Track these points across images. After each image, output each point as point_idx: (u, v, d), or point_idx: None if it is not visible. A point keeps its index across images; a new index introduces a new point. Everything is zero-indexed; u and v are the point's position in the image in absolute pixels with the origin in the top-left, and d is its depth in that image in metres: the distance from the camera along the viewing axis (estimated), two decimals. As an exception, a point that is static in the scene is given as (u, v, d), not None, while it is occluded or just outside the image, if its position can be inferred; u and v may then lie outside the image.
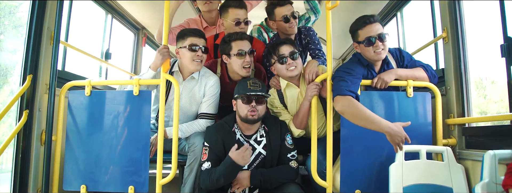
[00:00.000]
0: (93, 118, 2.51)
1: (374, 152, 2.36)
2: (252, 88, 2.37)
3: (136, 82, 2.46)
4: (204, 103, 2.66)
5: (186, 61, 2.56)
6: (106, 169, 2.46)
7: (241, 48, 2.64)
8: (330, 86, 2.35)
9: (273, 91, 2.70)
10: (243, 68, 2.67)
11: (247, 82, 2.40)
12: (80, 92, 2.54)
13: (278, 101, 2.67)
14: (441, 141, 2.38)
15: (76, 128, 2.51)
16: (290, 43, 2.56)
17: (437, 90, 2.41)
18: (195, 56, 2.52)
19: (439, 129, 2.39)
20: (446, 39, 2.52)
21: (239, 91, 2.39)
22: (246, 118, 2.35)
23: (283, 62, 2.51)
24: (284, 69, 2.53)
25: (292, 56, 2.50)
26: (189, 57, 2.53)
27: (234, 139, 2.41)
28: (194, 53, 2.52)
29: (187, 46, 2.51)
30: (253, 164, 2.40)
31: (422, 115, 2.42)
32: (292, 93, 2.64)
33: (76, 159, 2.48)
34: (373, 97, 2.41)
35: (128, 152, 2.45)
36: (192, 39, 2.53)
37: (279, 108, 2.67)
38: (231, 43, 2.65)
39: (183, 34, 2.55)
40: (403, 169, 2.19)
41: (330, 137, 2.32)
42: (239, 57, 2.64)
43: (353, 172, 2.35)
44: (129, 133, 2.47)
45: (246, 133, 2.45)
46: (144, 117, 2.47)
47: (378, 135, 2.30)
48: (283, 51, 2.51)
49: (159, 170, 2.35)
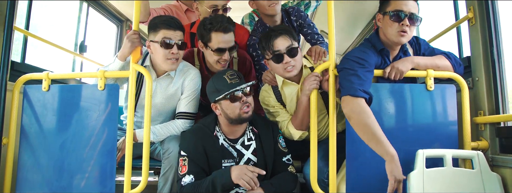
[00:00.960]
0: (52, 117, 2.13)
1: (388, 157, 1.93)
2: (234, 81, 1.95)
3: (101, 74, 2.06)
4: (183, 100, 2.24)
5: (158, 59, 2.13)
6: (66, 177, 2.06)
7: (222, 44, 2.19)
8: (333, 78, 1.93)
9: (268, 88, 2.28)
10: (218, 63, 2.25)
11: (223, 76, 1.97)
12: (37, 87, 2.15)
13: (274, 99, 2.25)
14: (469, 144, 1.94)
15: (32, 129, 2.13)
16: (286, 33, 2.07)
17: (464, 81, 1.98)
18: (168, 54, 2.08)
19: (467, 130, 1.95)
20: (473, 20, 2.08)
21: (220, 90, 1.95)
22: (240, 117, 1.96)
23: (279, 60, 2.05)
24: (280, 68, 2.08)
25: (290, 52, 2.05)
26: (162, 55, 2.09)
27: (217, 145, 2.00)
28: (167, 50, 2.07)
29: (159, 40, 2.08)
30: None
31: (446, 113, 1.99)
32: (291, 91, 2.22)
33: (32, 165, 2.10)
34: (385, 91, 1.98)
35: (91, 157, 2.05)
36: (165, 32, 2.07)
37: (276, 107, 2.24)
38: (211, 33, 2.18)
39: (155, 24, 2.11)
40: (424, 179, 1.77)
41: (333, 139, 1.89)
42: (217, 54, 2.22)
43: (362, 181, 1.92)
44: (93, 134, 2.07)
45: (230, 136, 2.05)
46: (111, 116, 2.06)
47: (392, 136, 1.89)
48: (279, 46, 2.04)
49: (127, 179, 1.98)
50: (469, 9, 2.12)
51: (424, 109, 1.99)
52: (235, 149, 2.03)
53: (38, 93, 2.14)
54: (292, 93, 2.21)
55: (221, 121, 2.05)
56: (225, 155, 2.02)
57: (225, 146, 2.03)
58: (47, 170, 2.08)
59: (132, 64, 2.05)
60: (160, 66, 2.18)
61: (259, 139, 2.06)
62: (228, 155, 2.03)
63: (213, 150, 1.97)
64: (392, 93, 1.99)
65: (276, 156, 2.06)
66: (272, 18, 2.62)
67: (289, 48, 2.05)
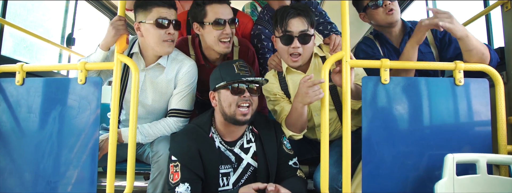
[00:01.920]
0: (27, 114, 1.88)
1: (410, 161, 1.67)
2: (242, 72, 1.71)
3: (82, 66, 1.81)
4: (176, 95, 1.99)
5: (152, 41, 1.89)
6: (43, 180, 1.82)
7: (219, 15, 1.97)
8: (348, 70, 1.66)
9: (274, 74, 2.06)
10: (219, 42, 2.00)
11: (232, 64, 1.74)
12: (10, 80, 1.91)
13: (278, 86, 2.03)
14: (505, 147, 1.67)
15: (5, 127, 1.89)
16: (305, 16, 1.86)
17: (498, 75, 1.70)
18: (165, 34, 1.86)
19: (502, 131, 1.68)
20: (508, 5, 1.82)
21: (224, 77, 1.71)
22: (233, 117, 1.71)
23: (288, 42, 1.86)
24: (286, 52, 1.88)
25: (302, 38, 1.85)
26: (157, 36, 1.86)
27: (214, 147, 1.74)
28: (163, 30, 1.85)
29: (153, 20, 1.84)
30: (239, 181, 1.76)
31: (478, 111, 1.71)
32: (295, 79, 1.99)
33: (4, 169, 1.86)
34: (406, 85, 1.71)
35: (71, 159, 1.80)
36: (159, 10, 1.86)
37: (278, 96, 2.01)
38: (206, 7, 1.97)
39: (145, 3, 1.87)
40: (455, 188, 1.50)
41: (347, 140, 1.62)
42: (216, 27, 1.97)
43: (380, 187, 1.65)
44: (72, 134, 1.82)
45: (227, 138, 1.80)
46: (92, 113, 1.81)
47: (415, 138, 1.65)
48: (292, 26, 1.85)
49: (109, 185, 1.72)
50: (504, -8, 1.85)
51: (452, 107, 1.71)
52: (233, 153, 1.78)
53: (11, 87, 1.91)
54: (296, 82, 1.97)
55: (217, 118, 1.79)
56: (223, 161, 1.76)
57: (222, 150, 1.77)
58: (22, 174, 1.85)
59: (117, 54, 1.79)
60: (153, 51, 1.94)
61: (259, 141, 1.80)
62: (225, 160, 1.77)
63: (210, 153, 1.71)
64: (414, 88, 1.71)
65: (281, 160, 1.81)
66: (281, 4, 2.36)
67: (303, 33, 1.85)
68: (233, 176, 1.76)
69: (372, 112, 1.69)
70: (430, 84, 1.72)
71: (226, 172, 1.75)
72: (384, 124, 1.69)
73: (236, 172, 1.77)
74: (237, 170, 1.77)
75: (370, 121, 1.68)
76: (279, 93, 2.02)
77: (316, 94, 1.67)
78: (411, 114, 1.71)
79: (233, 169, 1.77)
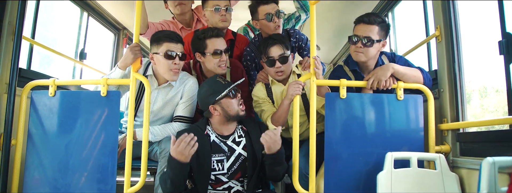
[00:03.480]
0: (58, 120, 2.30)
1: (362, 158, 2.17)
2: (226, 82, 2.22)
3: (104, 82, 2.26)
4: (181, 105, 2.47)
5: (162, 69, 2.36)
6: (71, 176, 2.23)
7: (217, 47, 2.47)
8: (314, 87, 2.16)
9: (262, 85, 2.58)
10: (219, 67, 2.49)
11: (217, 79, 2.23)
12: (43, 92, 2.33)
13: (264, 93, 2.56)
14: (433, 148, 2.19)
15: (39, 131, 2.29)
16: (281, 43, 2.41)
17: (430, 92, 2.23)
18: (172, 64, 2.32)
19: (432, 135, 2.21)
20: (439, 38, 2.35)
21: (220, 91, 2.17)
22: (238, 114, 2.21)
23: (271, 64, 2.41)
24: (272, 71, 2.44)
25: (281, 60, 2.39)
26: (166, 66, 2.33)
27: (208, 142, 2.21)
28: (170, 61, 2.32)
29: (162, 53, 2.31)
30: (232, 167, 2.21)
31: (414, 120, 2.24)
32: (277, 89, 2.55)
33: (38, 165, 2.26)
34: (360, 100, 2.23)
35: (94, 157, 2.23)
36: (168, 45, 2.32)
37: (264, 99, 2.54)
38: (206, 41, 2.47)
39: (158, 38, 2.34)
40: (392, 178, 2.00)
41: (313, 140, 2.12)
42: (215, 56, 2.47)
43: (338, 180, 2.15)
44: (95, 137, 2.24)
45: (222, 133, 2.26)
46: (112, 120, 2.25)
47: (366, 140, 2.15)
48: (273, 53, 2.40)
49: (127, 177, 2.16)
50: (436, 27, 2.38)
51: (394, 117, 2.23)
52: (226, 145, 2.24)
53: (44, 98, 2.31)
54: (277, 91, 2.53)
55: (213, 121, 2.25)
56: (215, 150, 2.21)
57: (217, 142, 2.23)
58: (52, 170, 2.25)
59: (132, 72, 2.25)
60: (162, 76, 2.40)
61: (248, 136, 2.27)
62: (219, 150, 2.22)
63: (202, 146, 2.15)
64: (366, 103, 2.23)
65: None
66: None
67: (281, 56, 2.40)
68: (227, 162, 2.21)
69: (333, 120, 2.19)
70: (377, 98, 2.23)
71: (220, 159, 2.20)
72: (342, 129, 2.20)
73: (229, 160, 2.21)
74: (230, 158, 2.22)
75: (332, 127, 2.18)
76: (265, 98, 2.53)
77: (297, 90, 2.19)
78: (362, 121, 2.22)
79: (227, 157, 2.21)
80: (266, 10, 2.74)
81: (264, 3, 2.76)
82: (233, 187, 2.22)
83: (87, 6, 3.60)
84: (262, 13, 2.76)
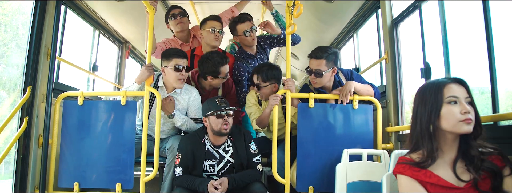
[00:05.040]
0: (85, 124, 2.87)
1: (326, 154, 2.81)
2: (222, 104, 2.70)
3: (123, 93, 2.85)
4: (193, 112, 3.08)
5: (171, 79, 2.93)
6: (97, 169, 2.81)
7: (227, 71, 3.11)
8: (289, 99, 2.79)
9: (254, 92, 3.16)
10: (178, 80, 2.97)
11: (215, 100, 2.73)
12: (73, 101, 2.90)
13: (256, 99, 3.15)
14: (380, 146, 2.86)
15: (70, 133, 2.86)
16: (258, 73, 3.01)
17: (379, 103, 2.89)
18: (179, 75, 2.90)
19: (379, 136, 2.87)
20: (387, 60, 3.02)
21: (210, 108, 2.67)
22: (220, 131, 2.65)
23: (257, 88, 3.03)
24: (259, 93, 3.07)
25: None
26: (174, 76, 2.90)
27: (204, 149, 2.74)
28: (178, 72, 2.89)
29: (172, 66, 2.88)
30: (222, 170, 2.74)
31: (365, 124, 2.88)
32: None
33: (70, 160, 2.82)
34: (324, 109, 2.87)
35: (115, 154, 2.82)
36: (176, 60, 2.89)
37: (254, 104, 3.14)
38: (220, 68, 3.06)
39: (168, 54, 2.93)
40: (347, 169, 2.62)
41: (288, 141, 2.76)
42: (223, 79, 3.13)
43: (307, 171, 2.79)
44: (116, 137, 2.84)
45: (215, 143, 2.78)
46: (130, 123, 2.85)
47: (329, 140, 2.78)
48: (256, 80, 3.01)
49: (143, 169, 2.73)
50: (385, 52, 3.05)
51: (351, 122, 2.88)
52: (217, 152, 2.78)
53: (74, 106, 2.88)
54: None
55: (208, 132, 2.79)
56: (208, 156, 2.75)
57: (210, 150, 2.77)
58: (81, 163, 2.82)
59: (146, 86, 2.83)
60: (171, 85, 2.99)
61: (234, 146, 2.79)
62: (211, 156, 2.75)
63: (198, 152, 2.71)
64: (329, 111, 2.87)
65: (248, 157, 2.79)
66: (251, 48, 3.50)
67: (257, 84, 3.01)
68: (217, 167, 2.74)
69: (304, 124, 2.83)
70: (338, 108, 2.88)
71: (212, 164, 2.74)
72: (310, 131, 2.83)
73: (220, 165, 2.75)
74: (220, 164, 2.75)
75: (303, 130, 2.80)
76: (255, 103, 3.14)
77: (276, 101, 2.80)
78: (326, 125, 2.86)
79: (217, 163, 2.75)
80: (243, 28, 3.38)
81: (241, 22, 3.40)
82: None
83: (97, 25, 4.17)
84: (240, 31, 3.40)
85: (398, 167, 1.56)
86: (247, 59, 3.50)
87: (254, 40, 3.43)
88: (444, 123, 1.47)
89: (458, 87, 1.49)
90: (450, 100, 1.47)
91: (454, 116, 1.45)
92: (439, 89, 1.49)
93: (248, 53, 3.51)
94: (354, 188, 2.61)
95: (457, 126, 1.44)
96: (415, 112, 1.56)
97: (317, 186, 2.78)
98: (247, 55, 3.51)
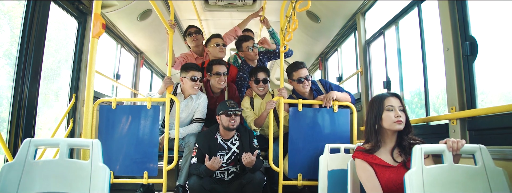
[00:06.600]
0: (117, 124, 3.54)
1: (311, 148, 3.49)
2: (231, 106, 3.40)
3: (149, 99, 3.54)
4: (197, 113, 3.77)
5: (187, 87, 3.65)
6: (127, 161, 3.47)
7: (218, 70, 3.81)
8: (282, 105, 3.50)
9: (247, 98, 3.87)
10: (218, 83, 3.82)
11: (226, 103, 3.44)
12: (108, 106, 3.58)
13: (248, 103, 3.85)
14: (355, 141, 3.55)
15: (105, 131, 3.52)
16: (265, 71, 3.77)
17: (354, 108, 3.59)
18: (195, 85, 3.63)
19: (355, 134, 3.57)
20: (361, 73, 3.73)
21: (222, 109, 3.41)
22: (228, 126, 3.38)
23: (257, 83, 3.74)
24: (256, 87, 3.77)
25: (264, 80, 3.72)
26: (190, 85, 3.63)
27: (216, 142, 3.45)
28: (194, 82, 3.62)
29: (189, 77, 3.61)
30: (229, 159, 3.43)
31: (344, 124, 3.57)
32: (257, 101, 3.86)
33: (106, 154, 3.41)
34: (310, 113, 3.57)
35: (142, 148, 3.48)
36: (193, 72, 3.63)
37: (247, 108, 3.83)
38: (213, 66, 3.80)
39: (187, 67, 3.65)
40: (328, 159, 3.30)
41: (281, 138, 3.46)
42: (216, 76, 3.82)
43: (297, 161, 3.47)
44: (143, 135, 3.50)
45: (225, 137, 3.49)
46: (154, 124, 3.52)
47: (314, 137, 3.48)
48: (260, 76, 3.74)
49: (165, 160, 3.42)
50: (359, 66, 3.76)
51: (332, 122, 3.59)
52: (227, 145, 3.48)
53: (109, 110, 3.57)
54: (257, 103, 3.86)
55: (220, 127, 3.52)
56: (219, 148, 3.46)
57: (221, 143, 3.47)
58: (115, 157, 3.48)
59: (167, 94, 3.53)
60: (188, 92, 3.70)
61: (240, 140, 3.53)
62: (222, 148, 3.46)
63: (213, 145, 3.42)
64: (314, 114, 3.58)
65: (251, 150, 3.47)
66: (253, 61, 4.21)
67: (264, 79, 3.75)
68: (226, 156, 3.45)
69: (294, 125, 3.53)
70: (322, 111, 3.59)
71: (222, 154, 3.44)
72: (299, 130, 3.53)
73: (228, 154, 3.46)
74: (228, 153, 3.46)
75: (293, 129, 3.50)
76: (249, 107, 3.83)
77: (272, 106, 3.50)
78: (312, 125, 3.56)
79: (226, 153, 3.46)
80: (247, 45, 4.13)
81: (245, 40, 4.15)
82: (230, 169, 3.47)
83: (119, 39, 4.86)
84: (244, 47, 4.15)
85: (355, 153, 2.28)
86: (248, 70, 4.20)
87: (256, 54, 4.16)
88: (384, 123, 2.19)
89: (394, 99, 2.21)
90: (388, 108, 2.19)
91: (390, 118, 2.16)
92: (381, 101, 2.21)
93: (250, 65, 4.22)
94: (333, 175, 3.29)
95: (392, 125, 2.16)
96: (367, 116, 2.28)
97: (305, 174, 3.46)
98: (249, 67, 4.22)
